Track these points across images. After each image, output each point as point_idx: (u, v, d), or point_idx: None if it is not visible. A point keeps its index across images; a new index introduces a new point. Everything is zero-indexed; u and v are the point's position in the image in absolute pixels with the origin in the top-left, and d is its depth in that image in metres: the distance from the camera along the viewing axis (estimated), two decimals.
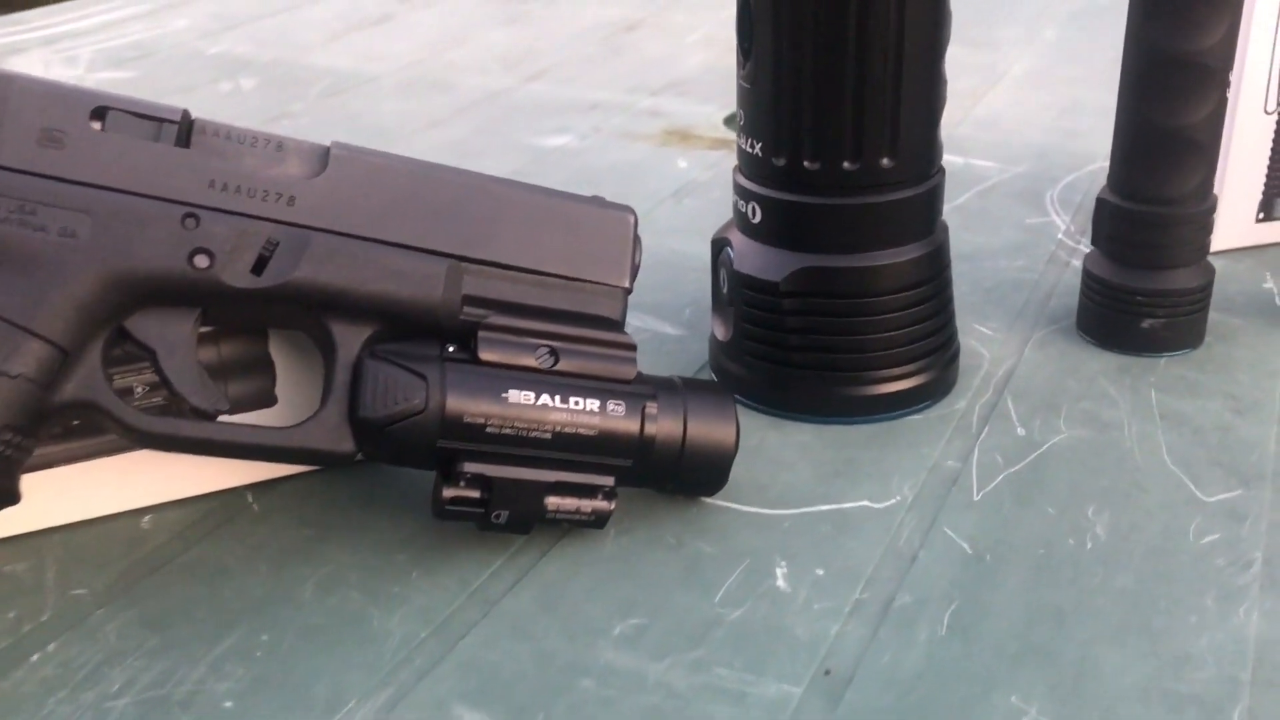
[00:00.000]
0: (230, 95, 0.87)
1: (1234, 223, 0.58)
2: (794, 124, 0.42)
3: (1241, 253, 0.58)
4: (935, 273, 0.45)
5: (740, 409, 0.46)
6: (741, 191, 0.45)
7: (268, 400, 0.41)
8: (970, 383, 0.48)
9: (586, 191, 0.42)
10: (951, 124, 0.77)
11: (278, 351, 0.40)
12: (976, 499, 0.41)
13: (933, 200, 0.45)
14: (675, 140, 0.77)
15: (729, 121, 0.81)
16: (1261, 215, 0.58)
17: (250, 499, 0.41)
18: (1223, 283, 0.55)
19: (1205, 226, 0.48)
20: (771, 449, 0.44)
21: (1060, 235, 0.61)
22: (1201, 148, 0.46)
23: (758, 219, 0.45)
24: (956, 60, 0.44)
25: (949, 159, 0.71)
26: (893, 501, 0.41)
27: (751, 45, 0.42)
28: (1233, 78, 0.54)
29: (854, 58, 0.41)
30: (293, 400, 0.41)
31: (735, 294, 0.46)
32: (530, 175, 0.71)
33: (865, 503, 0.41)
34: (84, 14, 1.11)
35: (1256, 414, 0.45)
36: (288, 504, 0.41)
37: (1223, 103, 0.46)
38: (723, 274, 0.47)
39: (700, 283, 0.54)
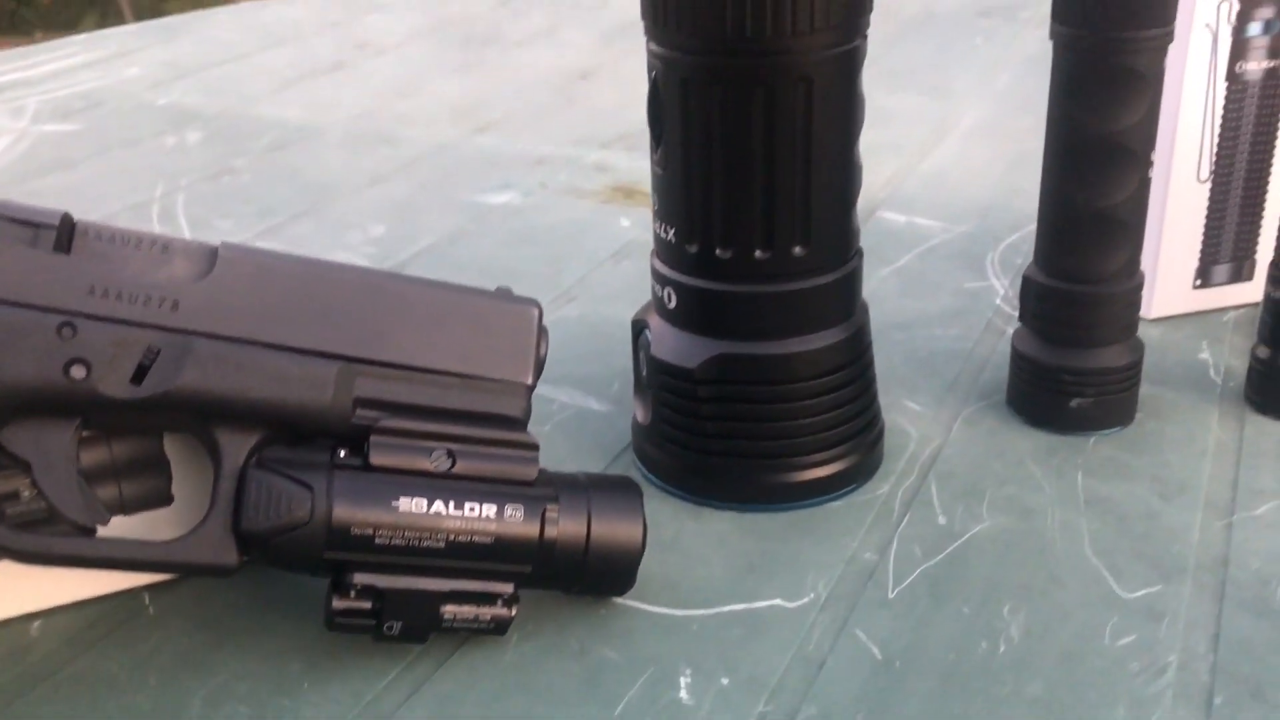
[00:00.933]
0: (175, 150, 0.86)
1: (1172, 290, 0.57)
2: (705, 212, 0.41)
3: (1181, 319, 0.57)
4: (855, 356, 0.45)
5: (660, 496, 0.45)
6: (658, 276, 0.44)
7: (163, 499, 0.39)
8: (895, 465, 0.47)
9: (528, 251, 0.41)
10: (899, 179, 0.77)
11: (173, 448, 0.39)
12: (891, 596, 0.40)
13: (850, 285, 0.44)
14: (620, 197, 0.76)
15: None
16: (1199, 282, 0.57)
17: (147, 600, 0.40)
18: (1160, 352, 0.55)
19: (1132, 304, 0.47)
20: (688, 541, 0.43)
21: (998, 300, 0.60)
22: (1125, 226, 0.46)
23: (673, 304, 0.44)
24: (909, 111, 0.43)
25: (893, 217, 0.70)
26: (805, 600, 0.39)
27: (662, 132, 0.42)
28: (1166, 148, 0.54)
29: (762, 149, 0.40)
30: (190, 498, 0.40)
31: (653, 378, 0.45)
32: (471, 235, 0.71)
33: (778, 601, 0.40)
34: (35, 61, 1.10)
35: (1183, 498, 0.44)
36: (184, 606, 0.40)
37: (1145, 182, 0.46)
38: (642, 356, 0.46)
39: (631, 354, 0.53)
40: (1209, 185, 0.55)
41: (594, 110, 0.94)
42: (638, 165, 0.82)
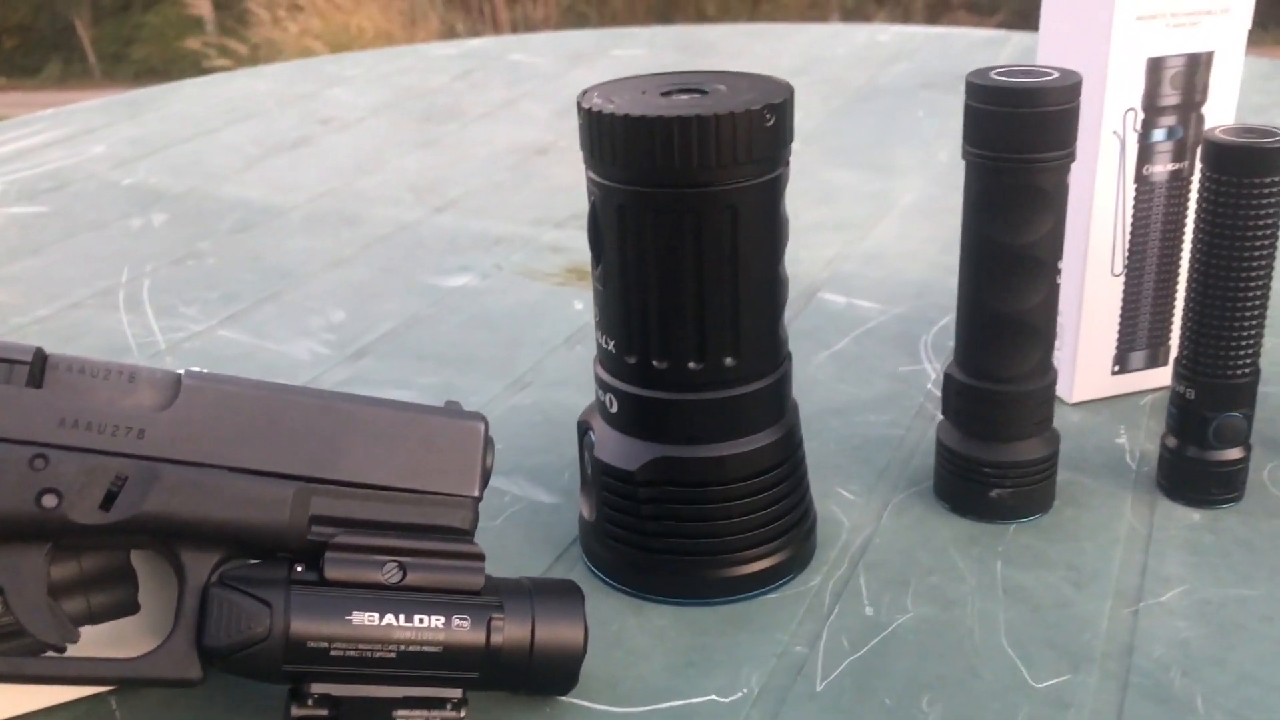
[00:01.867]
0: (140, 232, 0.89)
1: (1092, 376, 0.60)
2: (642, 327, 0.44)
3: (1101, 404, 0.60)
4: (787, 455, 0.47)
5: (605, 591, 0.48)
6: (600, 382, 0.47)
7: (130, 609, 0.41)
8: (828, 555, 0.50)
9: (484, 336, 0.44)
10: (840, 260, 0.81)
11: (139, 559, 0.41)
12: (819, 689, 0.42)
13: (780, 389, 0.47)
14: (574, 279, 0.79)
15: None
16: (1117, 368, 0.61)
17: (114, 705, 0.42)
18: (1080, 437, 0.58)
19: (1047, 400, 0.51)
20: (629, 636, 0.45)
21: (929, 385, 0.63)
22: (1036, 330, 0.49)
23: (614, 409, 0.46)
24: (852, 187, 0.46)
25: (833, 299, 0.73)
26: (739, 695, 0.42)
27: (601, 253, 0.45)
28: (1081, 245, 0.57)
29: (692, 271, 0.43)
30: (155, 605, 0.42)
31: (596, 479, 0.47)
32: (428, 320, 0.73)
33: (713, 697, 0.42)
34: (2, 140, 1.12)
35: (1094, 586, 0.47)
36: (153, 711, 0.42)
37: (1054, 287, 0.49)
38: (586, 457, 0.49)
39: None
40: (1123, 278, 0.59)
41: (551, 187, 0.97)
42: None
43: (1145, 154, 0.57)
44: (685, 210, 0.42)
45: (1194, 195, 0.54)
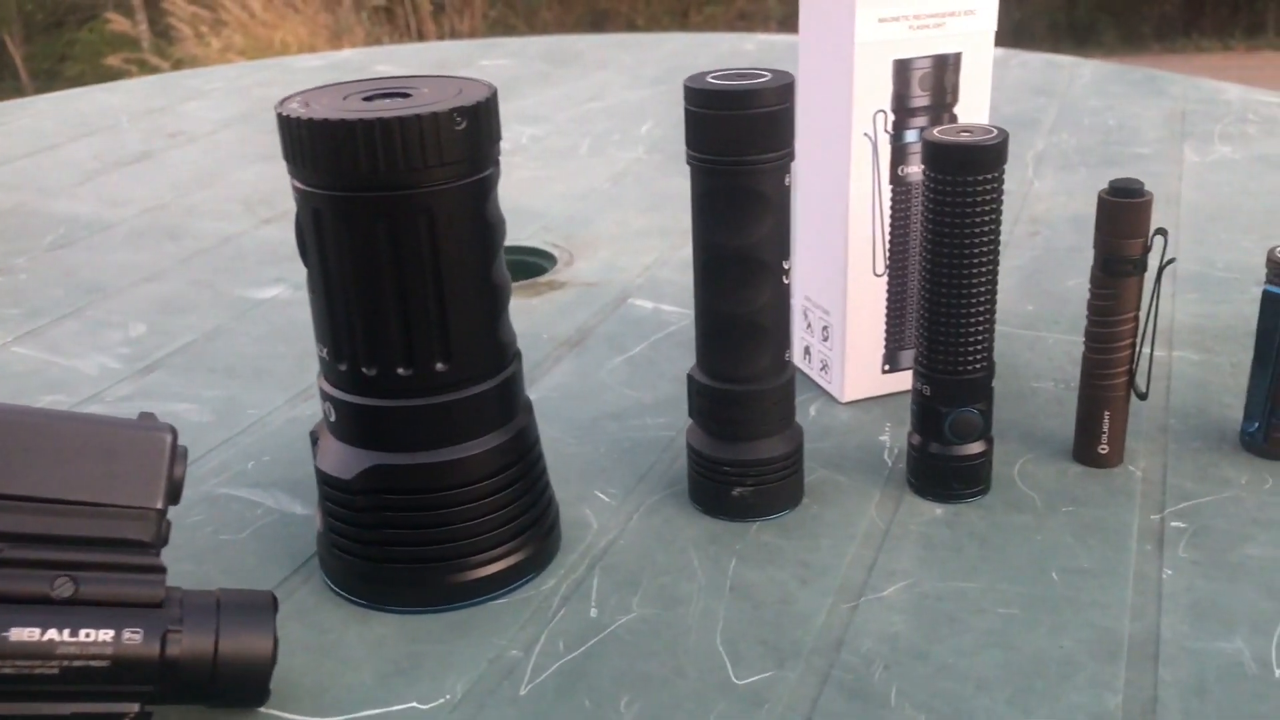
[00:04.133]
0: None
1: (861, 375, 0.61)
2: (349, 334, 0.44)
3: (871, 403, 0.61)
4: (517, 457, 0.47)
5: (336, 601, 0.47)
6: (321, 392, 0.47)
7: None
8: (568, 558, 0.50)
9: (280, 349, 0.43)
10: (656, 266, 0.81)
11: None
12: (523, 693, 0.42)
13: (506, 392, 0.47)
14: None
15: None
16: (887, 367, 0.61)
17: None
18: (845, 435, 0.58)
19: (783, 399, 0.51)
20: (346, 646, 0.45)
21: None
22: (765, 330, 0.49)
23: (334, 418, 0.46)
24: (683, 196, 0.46)
25: (642, 304, 0.73)
26: (440, 702, 0.42)
27: (306, 259, 0.44)
28: (840, 245, 0.58)
29: (392, 276, 0.43)
30: None
31: (319, 489, 0.47)
32: (230, 332, 0.72)
33: (414, 704, 0.42)
34: None
35: (820, 583, 0.47)
36: None
37: (780, 288, 0.49)
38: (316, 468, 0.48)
39: None
40: (886, 278, 0.59)
41: None
42: None
43: (899, 155, 0.57)
44: (379, 215, 0.42)
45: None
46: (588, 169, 1.01)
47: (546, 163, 1.03)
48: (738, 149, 0.46)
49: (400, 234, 0.42)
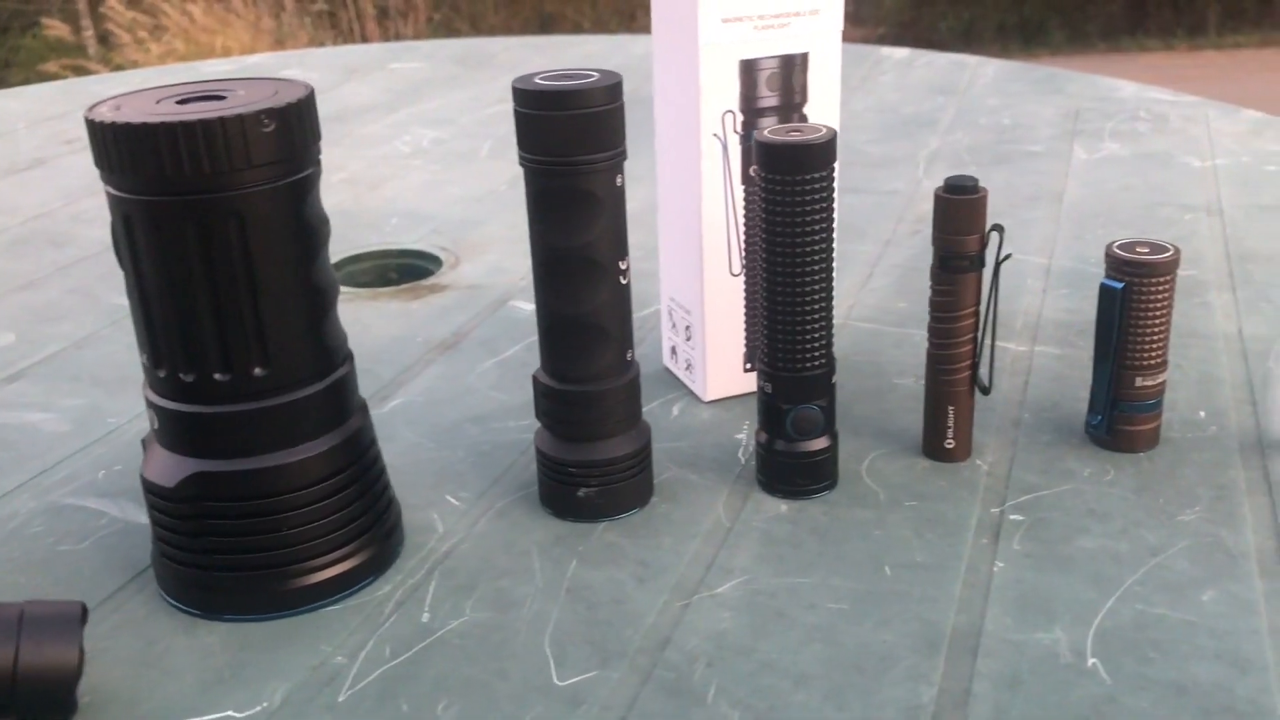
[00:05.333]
0: None
1: (722, 374, 0.61)
2: (166, 339, 0.43)
3: (733, 401, 0.61)
4: (349, 461, 0.47)
5: (169, 611, 0.46)
6: (145, 399, 0.46)
7: None
8: (408, 563, 0.49)
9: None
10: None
11: None
12: (341, 700, 0.42)
13: (335, 395, 0.46)
14: None
15: None
16: (749, 365, 0.61)
17: None
18: (703, 434, 0.58)
19: (626, 399, 0.51)
20: (171, 656, 0.44)
21: None
22: (605, 331, 0.49)
23: (157, 426, 0.45)
24: None
25: (522, 306, 0.73)
26: (256, 710, 0.41)
27: (122, 263, 0.44)
28: (695, 245, 0.58)
29: (204, 280, 0.42)
30: None
31: (145, 497, 0.46)
32: (101, 340, 0.72)
33: (229, 713, 0.41)
34: None
35: (657, 582, 0.47)
36: None
37: (618, 289, 0.49)
38: None
39: None
40: (742, 278, 0.60)
41: None
42: None
43: (749, 156, 0.58)
44: (187, 219, 0.41)
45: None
46: (486, 172, 1.01)
47: (446, 165, 1.03)
48: (566, 150, 0.46)
49: (210, 238, 0.42)
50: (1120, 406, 0.54)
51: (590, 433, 0.51)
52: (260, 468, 0.45)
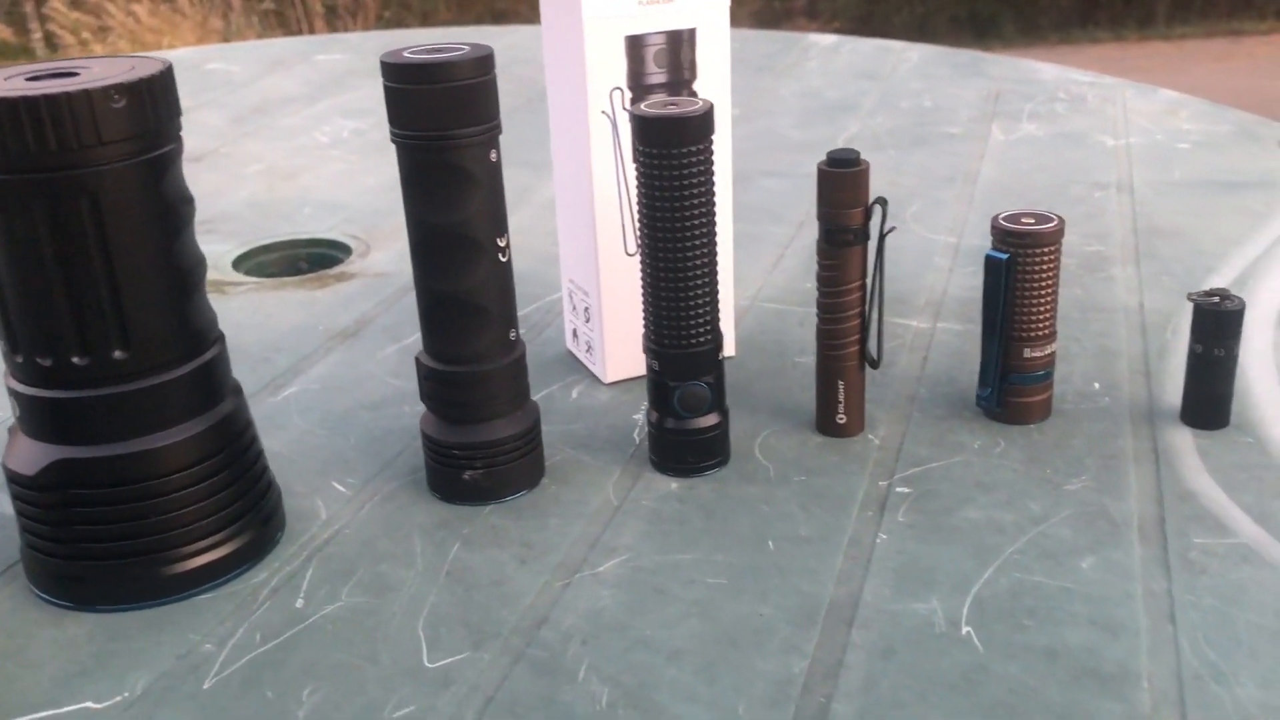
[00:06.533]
0: None
1: (622, 356, 0.61)
2: (21, 323, 0.42)
3: (634, 383, 0.61)
4: (221, 446, 0.46)
5: (36, 603, 0.45)
6: (6, 387, 0.45)
7: None
8: (288, 550, 0.48)
9: None
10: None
11: None
12: (206, 688, 0.41)
13: (205, 378, 0.45)
14: None
15: (240, 262, 0.81)
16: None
17: None
18: (601, 415, 0.58)
19: (511, 379, 0.50)
20: (33, 649, 0.43)
21: None
22: (484, 310, 0.49)
23: (18, 413, 0.44)
24: (512, 182, 0.44)
25: None
26: (116, 700, 0.40)
27: None
28: (588, 225, 0.57)
29: (55, 261, 0.41)
30: None
31: (8, 488, 0.45)
32: None
33: (88, 704, 0.40)
34: None
35: (539, 562, 0.47)
36: None
37: (498, 266, 0.49)
38: None
39: None
40: (638, 257, 0.59)
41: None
42: (207, 250, 0.82)
43: None
44: (35, 197, 0.40)
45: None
46: None
47: (363, 155, 1.01)
48: (436, 124, 0.46)
49: (61, 217, 0.41)
50: (1010, 379, 0.54)
51: (474, 414, 0.50)
52: (125, 454, 0.44)
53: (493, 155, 0.47)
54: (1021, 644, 0.41)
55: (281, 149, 1.04)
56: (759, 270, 0.74)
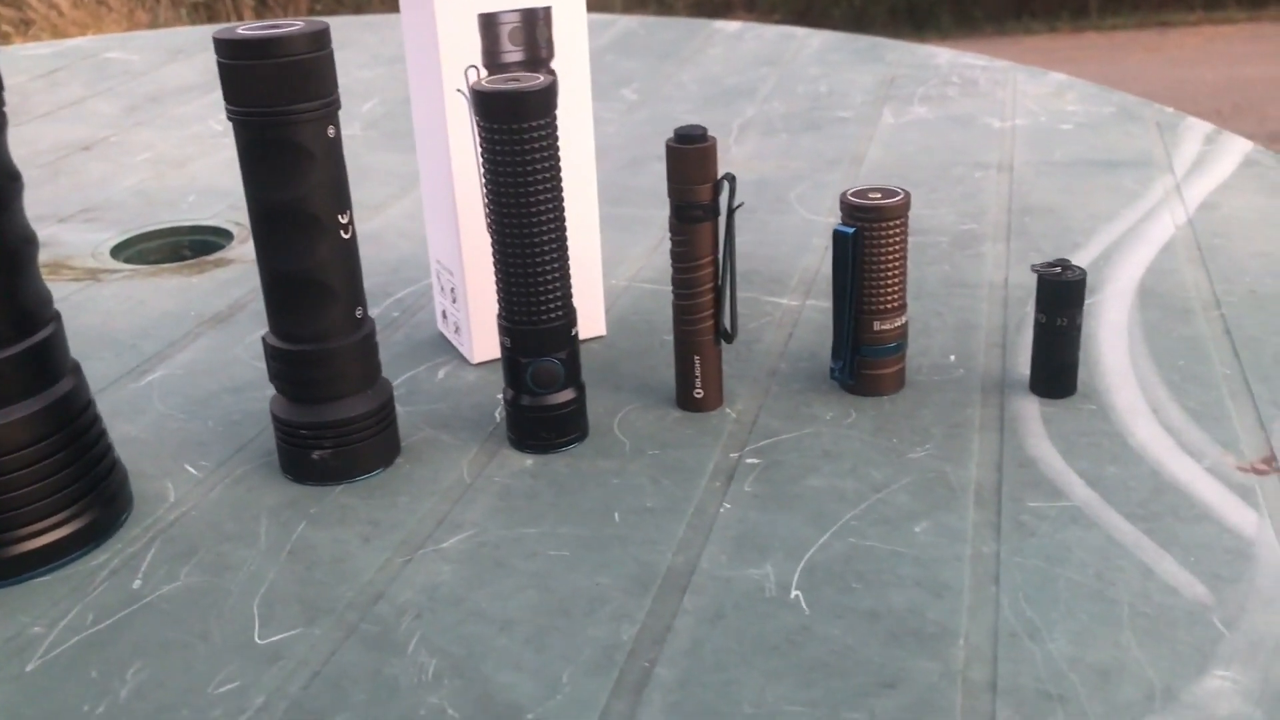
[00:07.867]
0: None
1: (489, 336, 0.61)
2: None
3: (497, 363, 0.61)
4: (58, 426, 0.45)
5: None
6: None
7: None
8: (130, 532, 0.48)
9: None
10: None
11: None
12: (29, 669, 0.40)
13: (38, 358, 0.44)
14: (46, 273, 0.75)
15: (119, 250, 0.80)
16: None
17: None
18: (465, 395, 0.58)
19: (359, 358, 0.50)
20: None
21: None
22: (327, 287, 0.48)
23: None
24: (386, 170, 0.45)
25: None
26: None
27: None
28: (449, 203, 0.57)
29: None
30: None
31: None
32: None
33: None
34: None
35: (383, 540, 0.47)
36: None
37: (340, 244, 0.48)
38: None
39: None
40: None
41: (76, 183, 0.92)
42: (87, 238, 0.81)
43: None
44: None
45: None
46: None
47: None
48: (270, 99, 0.45)
49: None
50: (861, 351, 0.55)
51: (321, 393, 0.50)
52: None
53: (330, 131, 0.47)
54: (847, 606, 0.42)
55: (174, 137, 1.03)
56: (640, 253, 0.74)
